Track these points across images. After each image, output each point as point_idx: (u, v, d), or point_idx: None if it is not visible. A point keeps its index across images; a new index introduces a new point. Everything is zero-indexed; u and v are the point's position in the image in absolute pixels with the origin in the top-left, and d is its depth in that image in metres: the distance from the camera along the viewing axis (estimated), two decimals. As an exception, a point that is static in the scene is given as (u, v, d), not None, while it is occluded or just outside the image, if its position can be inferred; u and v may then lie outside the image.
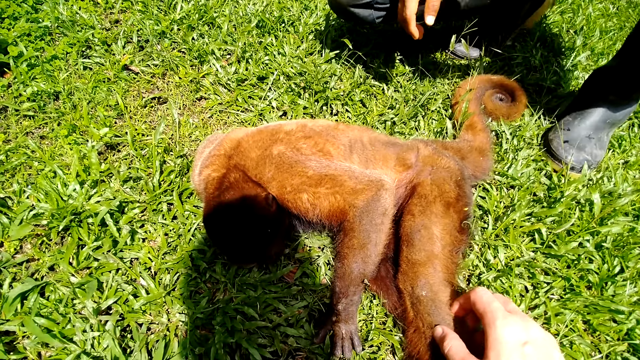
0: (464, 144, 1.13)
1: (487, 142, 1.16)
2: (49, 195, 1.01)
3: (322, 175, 0.85)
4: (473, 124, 1.20)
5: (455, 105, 1.30)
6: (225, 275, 0.92)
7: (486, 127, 1.21)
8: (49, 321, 0.82)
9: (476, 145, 1.12)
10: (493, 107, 1.30)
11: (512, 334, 0.60)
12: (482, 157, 1.11)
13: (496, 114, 1.31)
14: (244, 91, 1.35)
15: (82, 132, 1.23)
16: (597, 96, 1.25)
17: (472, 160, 1.10)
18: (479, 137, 1.15)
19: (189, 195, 1.07)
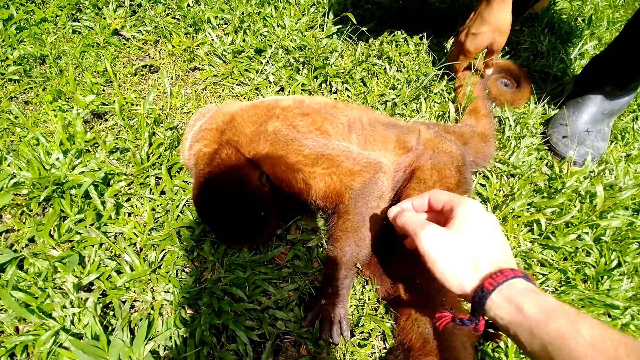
0: (467, 129, 1.09)
1: (490, 128, 1.12)
2: (31, 164, 0.96)
3: (318, 155, 0.81)
4: (476, 109, 1.15)
5: (459, 89, 1.25)
6: (213, 255, 0.89)
7: (490, 112, 1.17)
8: (27, 295, 0.78)
9: (479, 130, 1.08)
10: (497, 92, 1.26)
11: (479, 208, 0.59)
12: (484, 143, 1.07)
13: (500, 100, 1.26)
14: (240, 63, 1.29)
15: (68, 99, 1.17)
16: (593, 86, 1.23)
17: (474, 146, 1.06)
18: (481, 123, 1.11)
19: (178, 170, 1.03)
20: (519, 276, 0.51)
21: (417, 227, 0.59)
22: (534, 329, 0.45)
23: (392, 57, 1.35)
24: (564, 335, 0.43)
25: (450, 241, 0.56)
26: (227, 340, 0.81)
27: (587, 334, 0.41)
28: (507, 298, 0.49)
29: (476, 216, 0.58)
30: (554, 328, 0.44)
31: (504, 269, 0.52)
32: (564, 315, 0.44)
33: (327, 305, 0.81)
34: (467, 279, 0.53)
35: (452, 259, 0.55)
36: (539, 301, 0.47)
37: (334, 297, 0.81)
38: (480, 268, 0.53)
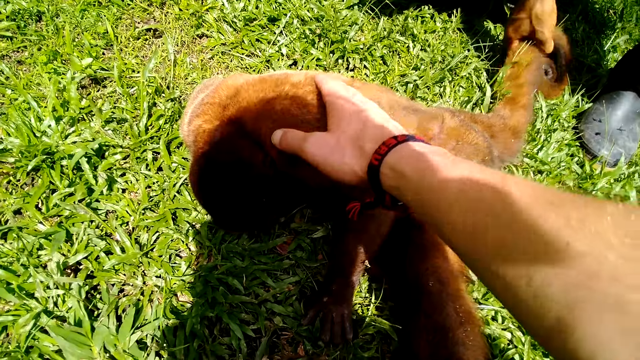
0: (497, 120, 0.99)
1: (524, 123, 1.01)
2: (20, 130, 0.88)
3: None
4: (515, 98, 1.04)
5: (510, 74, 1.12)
6: (210, 240, 0.82)
7: (529, 105, 1.05)
8: (8, 272, 0.73)
9: (511, 124, 0.98)
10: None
11: (350, 104, 0.60)
12: (514, 138, 0.97)
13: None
14: (251, 32, 1.19)
15: (64, 61, 1.09)
16: (626, 83, 1.14)
17: (503, 140, 0.96)
18: (517, 115, 1.00)
19: (178, 145, 0.95)
20: (402, 141, 0.50)
21: (299, 143, 0.60)
22: (414, 190, 0.45)
23: (417, 35, 1.24)
24: (437, 189, 0.42)
25: (331, 140, 0.57)
26: (220, 333, 0.75)
27: (458, 181, 0.40)
28: (392, 167, 0.49)
29: (346, 109, 0.59)
30: (427, 183, 0.43)
31: (387, 141, 0.51)
32: (438, 169, 0.43)
33: (330, 304, 0.74)
34: (357, 165, 0.54)
35: (338, 155, 0.56)
36: (417, 161, 0.46)
37: (337, 295, 0.75)
38: (366, 149, 0.53)
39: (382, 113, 0.60)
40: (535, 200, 0.33)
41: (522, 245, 0.32)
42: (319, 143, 0.58)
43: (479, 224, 0.37)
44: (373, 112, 0.59)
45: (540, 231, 0.31)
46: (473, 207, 0.38)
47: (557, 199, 0.32)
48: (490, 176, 0.39)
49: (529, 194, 0.34)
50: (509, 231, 0.34)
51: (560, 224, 0.30)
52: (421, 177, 0.44)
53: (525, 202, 0.34)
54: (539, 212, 0.32)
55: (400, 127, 0.58)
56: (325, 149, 0.57)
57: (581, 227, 0.29)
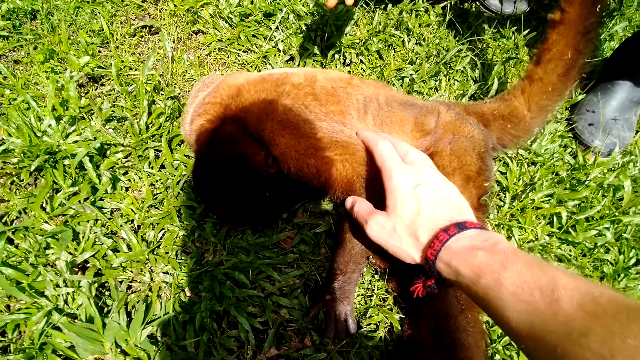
0: (489, 108, 0.98)
1: (521, 108, 0.98)
2: (21, 130, 0.89)
3: (332, 140, 0.74)
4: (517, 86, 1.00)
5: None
6: (215, 236, 0.84)
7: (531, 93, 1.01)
8: (18, 272, 0.74)
9: (507, 111, 0.97)
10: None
11: (406, 180, 0.63)
12: (511, 124, 0.97)
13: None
14: (247, 28, 1.19)
15: (61, 60, 1.08)
16: (623, 72, 1.15)
17: (498, 128, 0.97)
18: (515, 102, 0.97)
19: (179, 143, 0.96)
20: (454, 234, 0.53)
21: (364, 220, 0.66)
22: (470, 287, 0.48)
23: (412, 28, 1.25)
24: (492, 288, 0.45)
25: (389, 225, 0.62)
26: (229, 326, 0.77)
27: (510, 284, 0.43)
28: (446, 263, 0.52)
29: (402, 191, 0.62)
30: (483, 283, 0.46)
31: (438, 234, 0.55)
32: (491, 270, 0.46)
33: (332, 300, 0.76)
34: (415, 253, 0.59)
35: (397, 241, 0.60)
36: (470, 259, 0.49)
37: (339, 292, 0.77)
38: (421, 239, 0.57)
39: (436, 182, 0.63)
40: (581, 310, 0.36)
41: (571, 352, 0.35)
42: (379, 226, 0.63)
43: (532, 328, 0.40)
44: (428, 185, 0.62)
45: (585, 345, 0.34)
46: (526, 312, 0.41)
47: (601, 310, 0.35)
48: (541, 279, 0.41)
49: (576, 303, 0.37)
50: (558, 341, 0.37)
51: (603, 337, 0.33)
52: (476, 277, 0.47)
53: (571, 314, 0.37)
54: (585, 326, 0.35)
55: (454, 202, 0.60)
56: (384, 233, 0.62)
57: (623, 341, 0.32)
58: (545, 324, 0.38)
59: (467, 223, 0.55)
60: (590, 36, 0.90)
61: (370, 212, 0.66)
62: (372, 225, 0.64)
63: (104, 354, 0.70)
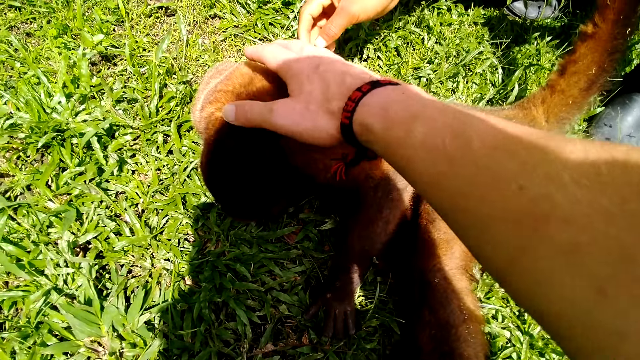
0: (504, 115, 0.96)
1: (539, 119, 0.97)
2: (30, 105, 0.88)
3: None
4: (537, 95, 0.98)
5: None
6: (219, 226, 0.83)
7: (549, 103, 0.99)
8: (18, 249, 0.73)
9: (526, 119, 0.95)
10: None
11: (304, 64, 0.56)
12: None
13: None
14: (265, 15, 1.17)
15: (75, 36, 1.07)
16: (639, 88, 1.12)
17: None
18: (533, 112, 0.96)
19: (188, 129, 0.95)
20: (367, 91, 0.48)
21: (264, 116, 0.56)
22: (381, 145, 0.45)
23: (432, 27, 1.22)
24: (401, 142, 0.41)
25: (298, 106, 0.54)
26: (227, 318, 0.76)
27: (419, 133, 0.39)
28: (360, 122, 0.47)
29: (303, 74, 0.55)
30: (393, 136, 0.42)
31: (352, 94, 0.49)
32: (402, 121, 0.42)
33: (333, 299, 0.75)
34: (332, 127, 0.52)
35: (310, 120, 0.53)
36: (382, 113, 0.44)
37: (340, 291, 0.75)
38: (335, 109, 0.51)
39: (339, 62, 0.57)
40: (494, 149, 0.33)
41: (478, 195, 0.32)
42: (287, 111, 0.54)
43: (438, 174, 0.37)
44: (331, 64, 0.55)
45: (496, 180, 0.31)
46: (433, 158, 0.37)
47: (515, 147, 0.32)
48: (453, 124, 0.37)
49: (489, 142, 0.33)
50: (466, 182, 0.34)
51: (515, 170, 0.30)
52: (386, 131, 0.43)
53: (484, 152, 0.33)
54: (497, 160, 0.32)
55: (362, 72, 0.55)
56: (295, 116, 0.54)
57: (534, 170, 0.29)
58: (456, 170, 0.35)
59: (381, 80, 0.49)
60: (616, 56, 0.87)
61: (268, 104, 0.57)
62: (279, 110, 0.55)
63: (100, 337, 0.70)
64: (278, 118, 0.55)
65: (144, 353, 0.69)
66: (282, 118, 0.54)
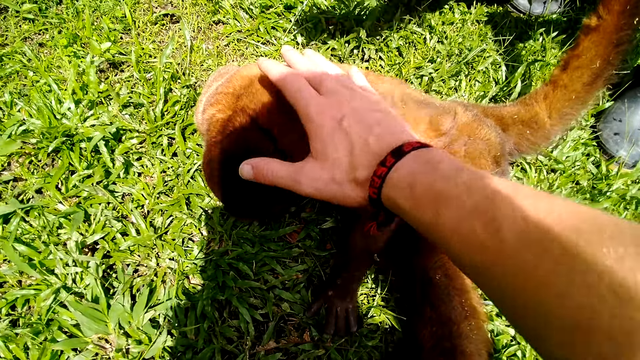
0: (509, 112, 0.95)
1: (543, 115, 0.95)
2: (41, 111, 0.91)
3: None
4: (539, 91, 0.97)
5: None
6: (222, 226, 0.84)
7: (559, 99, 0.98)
8: (30, 249, 0.76)
9: (527, 116, 0.94)
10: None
11: (327, 116, 0.53)
12: (530, 130, 0.94)
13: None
14: (267, 20, 1.19)
15: (84, 45, 1.11)
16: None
17: (516, 133, 0.94)
18: (536, 107, 0.94)
19: (192, 132, 0.97)
20: (391, 165, 0.47)
21: (292, 179, 0.55)
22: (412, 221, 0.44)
23: (434, 26, 1.22)
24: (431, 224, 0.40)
25: (325, 175, 0.52)
26: (230, 316, 0.78)
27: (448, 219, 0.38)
28: (387, 198, 0.47)
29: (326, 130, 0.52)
30: (423, 220, 0.41)
31: (377, 169, 0.48)
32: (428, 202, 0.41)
33: (335, 297, 0.76)
34: (359, 195, 0.51)
35: (337, 189, 0.52)
36: (407, 191, 0.44)
37: (342, 289, 0.76)
38: (361, 179, 0.49)
39: (361, 108, 0.54)
40: (526, 245, 0.31)
41: (514, 292, 0.32)
42: (313, 181, 0.53)
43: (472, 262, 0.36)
44: (354, 116, 0.53)
45: (532, 280, 0.30)
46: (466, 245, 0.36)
47: (549, 244, 0.30)
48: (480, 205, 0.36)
49: (520, 235, 0.32)
50: (502, 275, 0.33)
51: (550, 270, 0.29)
52: (415, 211, 0.42)
53: (515, 246, 0.32)
54: (529, 259, 0.31)
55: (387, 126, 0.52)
56: (321, 185, 0.53)
57: (571, 275, 0.28)
58: (492, 259, 0.33)
59: (405, 146, 0.47)
60: (622, 48, 0.85)
61: (294, 170, 0.56)
62: (306, 181, 0.54)
63: (107, 334, 0.72)
64: (305, 187, 0.54)
65: (149, 349, 0.71)
66: (309, 187, 0.54)
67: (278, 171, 0.58)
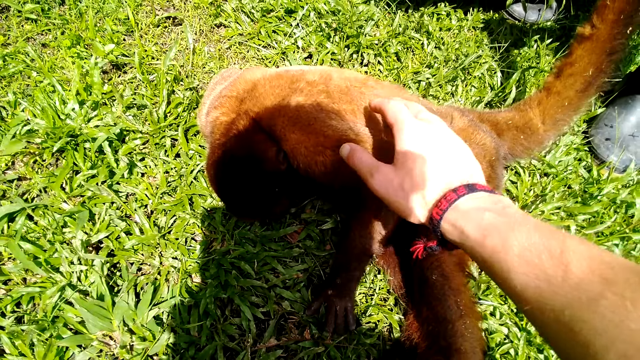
0: (504, 117, 0.98)
1: (536, 121, 0.97)
2: (45, 112, 0.92)
3: (342, 138, 0.75)
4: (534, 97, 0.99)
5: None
6: (224, 226, 0.86)
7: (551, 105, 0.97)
8: (35, 247, 0.77)
9: (521, 122, 0.97)
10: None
11: (417, 134, 0.60)
12: (524, 135, 0.97)
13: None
14: (268, 24, 1.21)
15: (87, 46, 1.12)
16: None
17: (511, 138, 0.97)
18: (529, 113, 0.97)
19: (195, 133, 0.99)
20: (462, 194, 0.51)
21: (366, 173, 0.62)
22: (475, 248, 0.47)
23: (432, 32, 1.25)
24: (498, 250, 0.43)
25: (396, 180, 0.58)
26: (232, 314, 0.80)
27: (516, 246, 0.41)
28: (452, 223, 0.50)
29: (412, 145, 0.58)
30: (489, 244, 0.45)
31: (447, 193, 0.53)
32: (498, 230, 0.44)
33: (334, 296, 0.78)
34: (420, 212, 0.56)
35: (403, 198, 0.57)
36: (477, 220, 0.47)
37: (341, 288, 0.78)
38: (427, 197, 0.55)
39: (448, 145, 0.60)
40: (591, 274, 0.35)
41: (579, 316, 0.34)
42: (385, 181, 0.60)
43: (538, 291, 0.39)
44: (440, 146, 0.58)
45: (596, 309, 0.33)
46: (532, 274, 0.39)
47: (612, 274, 0.34)
48: (549, 242, 0.39)
49: (586, 267, 0.36)
50: (567, 304, 0.36)
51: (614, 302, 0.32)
52: (482, 238, 0.46)
53: (581, 278, 0.35)
54: (596, 290, 0.34)
55: (464, 164, 0.58)
56: (390, 189, 0.59)
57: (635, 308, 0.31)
58: (553, 288, 0.37)
59: (477, 185, 0.53)
60: (615, 57, 0.88)
61: (375, 164, 0.62)
62: (378, 177, 0.60)
63: (111, 331, 0.73)
64: (375, 183, 0.61)
65: (152, 346, 0.72)
66: (378, 185, 0.60)
67: (362, 158, 0.65)
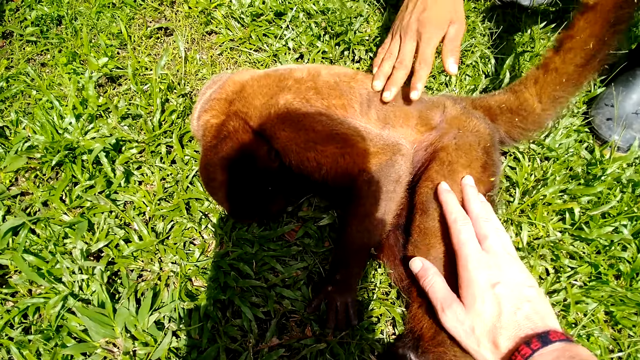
0: (496, 101, 0.95)
1: (531, 101, 0.95)
2: (44, 127, 0.95)
3: (332, 133, 0.75)
4: (531, 76, 0.94)
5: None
6: (222, 228, 0.87)
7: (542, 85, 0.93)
8: (38, 259, 0.79)
9: (515, 104, 0.94)
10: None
11: (484, 276, 0.61)
12: (518, 117, 0.94)
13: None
14: (258, 27, 1.22)
15: (83, 61, 1.15)
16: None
17: (505, 121, 0.94)
18: (526, 94, 0.94)
19: (190, 139, 1.00)
20: (537, 349, 0.52)
21: (438, 304, 0.64)
22: None
23: (423, 24, 1.24)
24: None
25: (467, 322, 0.60)
26: (232, 315, 0.80)
27: None
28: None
29: (479, 287, 0.60)
30: None
31: (521, 347, 0.53)
32: None
33: (334, 292, 0.77)
34: (491, 358, 0.57)
35: (474, 341, 0.59)
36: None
37: (341, 284, 0.77)
38: (501, 347, 0.56)
39: (516, 288, 0.60)
40: None
41: None
42: (457, 320, 0.62)
43: None
44: (508, 286, 0.59)
45: None
46: None
47: None
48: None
49: None
50: None
51: None
52: None
53: None
54: None
55: (535, 310, 0.58)
56: (461, 330, 0.61)
57: None
58: None
59: (551, 334, 0.53)
60: (619, 28, 0.83)
61: (447, 298, 0.64)
62: (449, 316, 0.63)
63: (114, 337, 0.74)
64: (446, 320, 0.63)
65: (155, 351, 0.73)
66: (449, 324, 0.63)
67: (435, 287, 0.67)
